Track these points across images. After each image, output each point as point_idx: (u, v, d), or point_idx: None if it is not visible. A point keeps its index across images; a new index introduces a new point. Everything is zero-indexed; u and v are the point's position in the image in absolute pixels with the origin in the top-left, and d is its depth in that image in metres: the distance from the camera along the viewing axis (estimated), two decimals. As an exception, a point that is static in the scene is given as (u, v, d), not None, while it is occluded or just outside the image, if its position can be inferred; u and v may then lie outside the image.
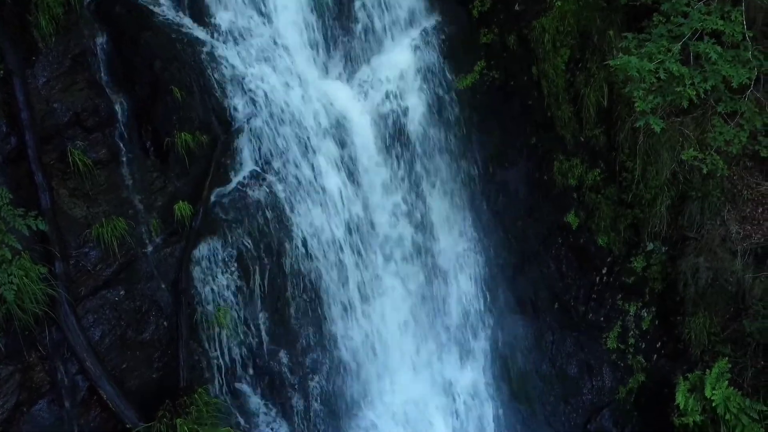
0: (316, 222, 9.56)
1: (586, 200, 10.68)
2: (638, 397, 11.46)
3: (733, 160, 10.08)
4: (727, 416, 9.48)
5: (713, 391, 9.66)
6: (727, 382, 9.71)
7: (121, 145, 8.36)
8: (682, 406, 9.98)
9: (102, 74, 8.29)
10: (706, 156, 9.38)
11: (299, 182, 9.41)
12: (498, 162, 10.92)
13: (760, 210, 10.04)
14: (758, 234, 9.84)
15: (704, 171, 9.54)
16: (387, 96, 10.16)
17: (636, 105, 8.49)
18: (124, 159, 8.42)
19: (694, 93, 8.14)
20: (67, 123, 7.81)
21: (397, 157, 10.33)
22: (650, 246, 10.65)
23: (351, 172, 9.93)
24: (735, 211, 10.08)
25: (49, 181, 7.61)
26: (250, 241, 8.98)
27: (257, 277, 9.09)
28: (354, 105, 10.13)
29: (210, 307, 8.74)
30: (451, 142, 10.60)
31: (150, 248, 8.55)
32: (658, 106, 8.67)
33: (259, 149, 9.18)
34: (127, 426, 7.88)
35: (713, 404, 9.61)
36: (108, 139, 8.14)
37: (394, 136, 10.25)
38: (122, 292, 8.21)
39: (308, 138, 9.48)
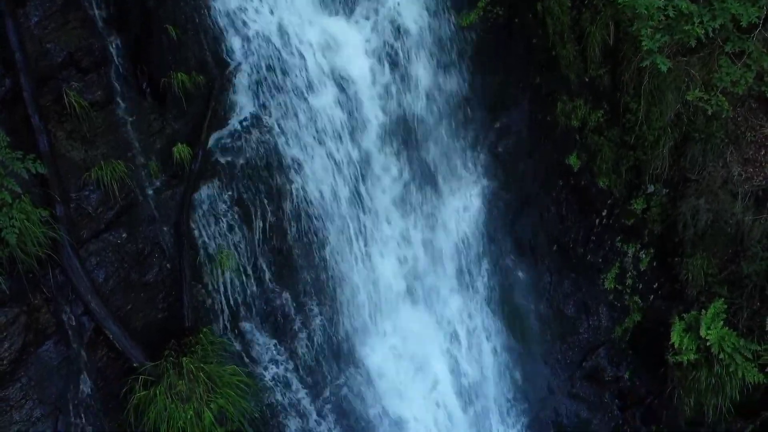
0: (316, 164, 9.49)
1: (588, 142, 10.62)
2: (634, 336, 11.71)
3: (738, 102, 10.00)
4: (722, 355, 9.72)
5: (708, 331, 9.87)
6: (722, 323, 9.91)
7: (117, 86, 8.19)
8: (677, 345, 10.23)
9: (95, 12, 8.04)
10: (711, 97, 9.29)
11: (299, 124, 9.29)
12: (500, 102, 10.77)
13: (762, 152, 10.01)
14: (760, 176, 9.84)
15: (709, 112, 9.48)
16: (387, 32, 9.91)
17: (642, 44, 8.34)
18: (121, 100, 8.27)
19: (702, 32, 8.00)
20: (62, 64, 7.63)
21: (397, 95, 10.16)
22: (651, 188, 10.66)
23: (351, 112, 9.79)
24: (738, 153, 10.06)
25: (47, 123, 7.49)
26: (250, 184, 8.94)
27: (258, 220, 9.10)
28: (354, 42, 9.89)
29: (212, 250, 8.78)
30: (452, 82, 10.42)
31: (150, 191, 8.51)
32: (665, 45, 8.52)
33: (258, 90, 9.01)
34: (134, 365, 8.03)
35: (708, 344, 9.84)
36: (103, 79, 7.97)
37: (394, 74, 10.06)
38: (124, 235, 8.22)
39: (308, 78, 9.30)
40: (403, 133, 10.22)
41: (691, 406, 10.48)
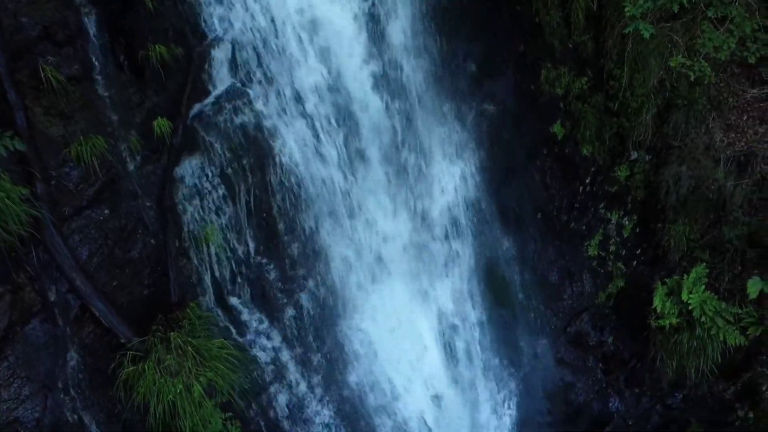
0: (300, 136, 9.40)
1: (573, 109, 10.61)
2: (617, 302, 11.89)
3: (720, 67, 10.01)
4: (703, 318, 9.88)
5: (690, 295, 10.02)
6: (704, 287, 10.05)
7: (94, 59, 8.00)
8: (659, 310, 10.37)
9: (68, -17, 7.83)
10: (694, 63, 9.32)
11: (280, 94, 9.17)
12: (486, 71, 10.70)
13: (744, 117, 10.07)
14: (742, 141, 9.91)
15: (691, 78, 9.51)
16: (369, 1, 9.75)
17: (626, 10, 8.31)
18: (98, 74, 8.08)
19: (686, -3, 7.95)
20: (37, 38, 7.43)
21: (382, 65, 10.03)
22: (634, 155, 10.72)
23: (333, 81, 9.66)
24: (720, 118, 10.11)
25: (23, 99, 7.32)
26: (232, 157, 8.84)
27: (242, 193, 9.03)
28: (336, 9, 9.72)
29: (197, 224, 8.72)
30: (437, 51, 10.31)
31: (131, 166, 8.40)
32: (648, 11, 8.48)
33: (238, 61, 8.86)
34: (122, 341, 8.02)
35: (689, 307, 9.99)
36: (80, 53, 7.77)
37: (378, 42, 9.92)
38: (107, 211, 8.13)
39: (289, 47, 9.15)
40: (387, 103, 10.14)
41: (674, 368, 10.70)
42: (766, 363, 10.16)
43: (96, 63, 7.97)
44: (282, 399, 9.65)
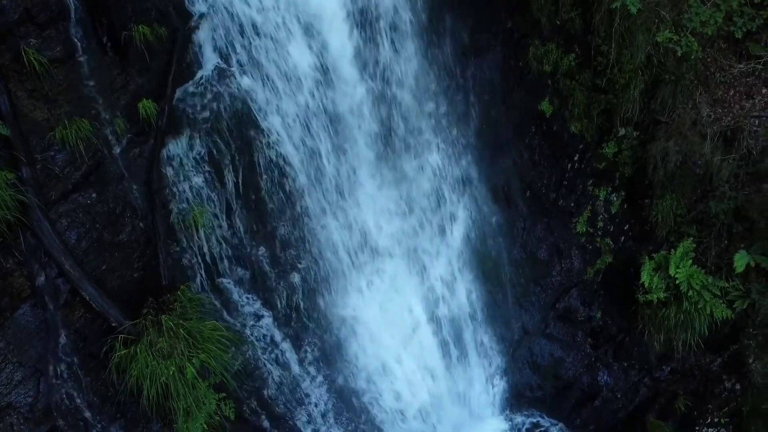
0: (287, 115, 9.34)
1: (561, 86, 10.59)
2: (605, 277, 11.98)
3: (707, 42, 10.00)
4: (690, 293, 10.00)
5: (677, 270, 10.12)
6: (691, 261, 10.16)
7: (77, 41, 7.88)
8: (647, 284, 10.48)
9: (48, -38, 7.67)
10: (681, 38, 9.32)
11: (267, 74, 9.08)
12: (473, 49, 10.64)
13: (731, 92, 10.09)
14: (728, 117, 9.95)
15: (679, 53, 9.51)
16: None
17: (613, -15, 8.24)
18: (81, 56, 7.97)
19: (673, -28, 7.91)
20: (18, 20, 7.31)
21: (369, 41, 9.93)
22: (622, 131, 10.73)
23: (321, 58, 9.57)
24: (707, 94, 10.12)
25: (6, 83, 7.23)
26: (219, 139, 8.79)
27: (230, 175, 8.99)
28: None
29: (185, 207, 8.68)
30: (424, 28, 10.22)
31: (118, 149, 8.33)
32: (636, -14, 8.44)
33: (223, 41, 8.76)
34: (113, 324, 8.03)
35: (677, 282, 10.10)
36: (62, 35, 7.66)
37: (365, 19, 9.81)
38: (94, 195, 8.08)
39: (275, 26, 9.04)
40: (376, 80, 10.07)
41: (661, 342, 10.83)
42: (753, 336, 10.32)
43: (78, 44, 7.87)
44: (275, 379, 9.71)
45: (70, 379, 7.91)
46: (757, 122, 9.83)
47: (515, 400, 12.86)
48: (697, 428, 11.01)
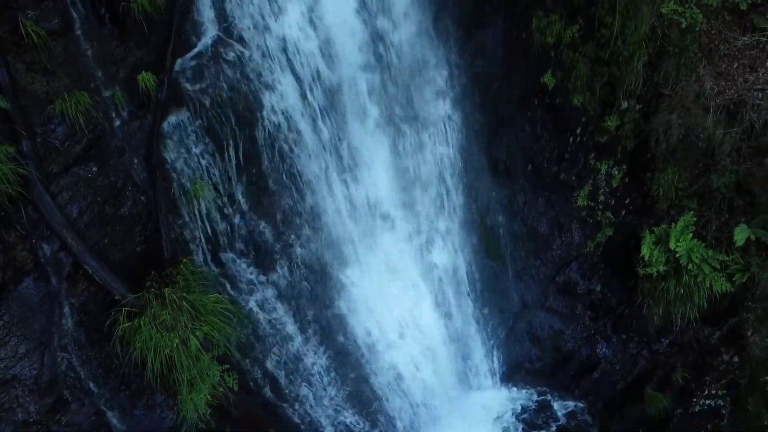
0: (287, 89, 9.26)
1: (564, 59, 10.48)
2: (605, 251, 12.01)
3: (711, 14, 9.89)
4: (690, 266, 10.02)
5: (677, 243, 10.13)
6: (691, 235, 10.16)
7: (74, 12, 7.79)
8: (647, 258, 10.50)
9: (43, -68, 7.54)
10: (686, 9, 9.22)
11: (267, 46, 8.98)
12: (475, 20, 10.51)
13: (735, 65, 10.00)
14: (732, 90, 9.87)
15: (683, 25, 9.41)
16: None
17: (619, -44, 8.11)
18: (79, 28, 7.89)
19: (679, -59, 7.78)
20: (15, -9, 7.25)
21: (369, 14, 9.81)
22: (625, 104, 10.65)
23: (321, 31, 9.46)
24: (711, 66, 10.03)
25: (5, 55, 7.17)
26: (219, 112, 8.73)
27: (231, 149, 8.95)
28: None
29: (186, 181, 8.66)
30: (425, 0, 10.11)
31: (117, 122, 8.28)
32: (641, -43, 8.31)
33: (222, 12, 8.64)
34: (116, 297, 8.07)
35: (677, 255, 10.12)
36: (60, 6, 7.57)
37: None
38: (95, 169, 8.06)
39: (275, -3, 8.93)
40: (377, 53, 9.97)
41: (660, 315, 10.90)
42: (752, 309, 10.38)
43: (76, 16, 7.78)
44: (277, 351, 9.80)
45: (75, 351, 7.98)
46: (760, 95, 9.76)
47: (515, 372, 12.99)
48: (695, 400, 11.13)
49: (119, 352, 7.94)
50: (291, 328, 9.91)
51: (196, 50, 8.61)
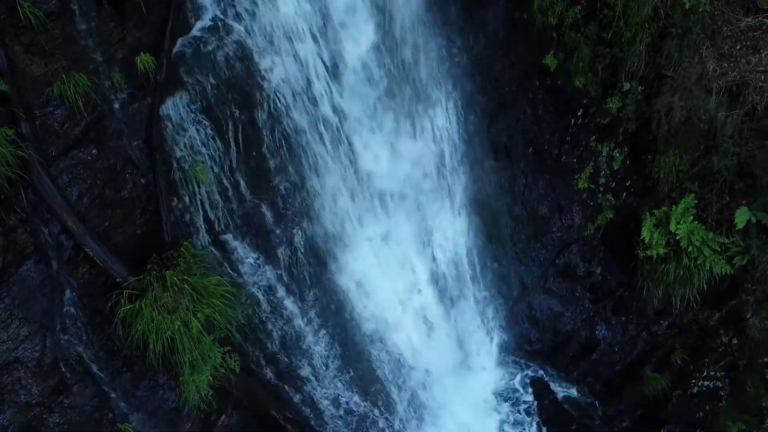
0: (288, 70, 9.19)
1: (566, 40, 10.42)
2: (605, 233, 12.04)
3: (715, -6, 9.81)
4: (690, 248, 10.06)
5: (678, 225, 10.16)
6: (692, 217, 10.19)
7: (72, -8, 7.71)
8: (647, 240, 10.54)
9: None
10: (690, -10, 9.11)
11: (267, 28, 8.90)
12: (476, 0, 10.41)
13: (738, 47, 9.94)
14: (734, 71, 9.82)
15: (686, 6, 9.35)
16: None
17: (622, -65, 8.02)
18: (77, 9, 7.79)
19: None
20: (12, -29, 7.15)
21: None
22: (626, 86, 10.61)
23: (321, 10, 9.36)
24: (713, 48, 9.98)
25: (2, 38, 7.09)
26: (219, 94, 8.67)
27: (230, 130, 8.90)
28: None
29: (186, 163, 8.63)
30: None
31: (117, 104, 8.22)
32: (645, -64, 8.21)
33: (221, -8, 8.56)
34: (117, 280, 8.08)
35: (677, 237, 10.16)
36: (57, -14, 7.49)
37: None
38: (94, 151, 8.01)
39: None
40: (378, 33, 9.88)
41: (659, 297, 10.96)
42: (751, 291, 10.43)
43: (74, -4, 7.68)
44: (278, 332, 9.84)
45: (76, 333, 8.00)
46: (762, 77, 9.72)
47: (514, 353, 13.08)
48: (694, 381, 11.23)
49: (121, 335, 7.96)
50: (292, 309, 9.94)
51: (195, 31, 8.54)
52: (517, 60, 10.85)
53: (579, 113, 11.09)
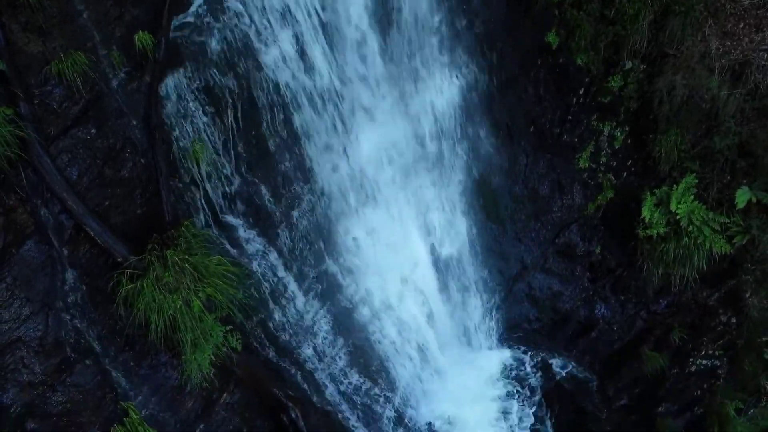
0: (287, 49, 9.11)
1: (568, 17, 10.32)
2: (605, 213, 12.04)
3: (720, -29, 9.70)
4: (690, 228, 10.06)
5: (678, 205, 10.15)
6: (692, 197, 10.18)
7: (68, -31, 7.62)
8: (647, 219, 10.54)
9: None
10: (694, -34, 9.00)
11: (265, 5, 8.81)
12: (477, -23, 10.33)
13: (741, 25, 9.85)
14: (737, 50, 9.75)
15: (690, -18, 9.21)
16: None
17: None
18: (74, -15, 7.73)
19: None
20: (8, -52, 7.06)
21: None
22: (628, 64, 10.53)
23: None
24: (717, 26, 9.89)
25: (0, 16, 7.03)
26: (217, 73, 8.60)
27: (230, 110, 8.85)
28: None
29: (185, 142, 8.59)
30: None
31: (115, 83, 8.17)
32: None
33: (219, -32, 8.45)
34: (118, 259, 8.09)
35: (677, 217, 10.15)
36: (54, -37, 7.41)
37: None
38: (93, 130, 7.98)
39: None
40: (380, 10, 9.77)
41: (659, 276, 10.99)
42: (751, 271, 10.46)
43: (70, -27, 7.59)
44: (280, 312, 9.88)
45: (78, 313, 8.04)
46: (765, 56, 9.65)
47: (513, 332, 13.15)
48: (692, 360, 11.32)
49: (123, 314, 8.00)
50: (293, 288, 9.97)
51: (193, 8, 8.45)
52: (519, 38, 10.75)
53: (580, 92, 11.02)
